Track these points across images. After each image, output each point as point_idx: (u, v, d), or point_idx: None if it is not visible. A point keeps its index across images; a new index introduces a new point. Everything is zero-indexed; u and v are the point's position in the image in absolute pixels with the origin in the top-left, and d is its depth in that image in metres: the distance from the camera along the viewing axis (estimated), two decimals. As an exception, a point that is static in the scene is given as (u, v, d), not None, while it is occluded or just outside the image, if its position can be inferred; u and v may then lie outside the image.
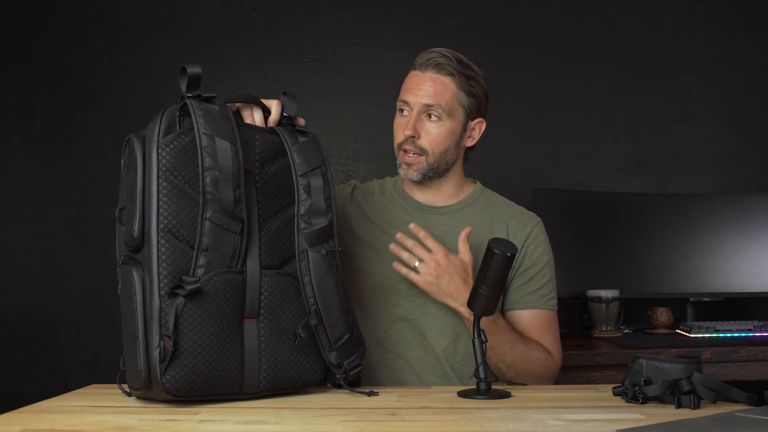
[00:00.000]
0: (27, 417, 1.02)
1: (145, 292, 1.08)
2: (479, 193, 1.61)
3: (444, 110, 1.49)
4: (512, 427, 0.97)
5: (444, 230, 1.54)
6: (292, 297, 1.19)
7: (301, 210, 1.21)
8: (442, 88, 1.49)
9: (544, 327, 1.53)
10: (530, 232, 1.55)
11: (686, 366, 1.10)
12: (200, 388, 1.09)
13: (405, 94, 1.52)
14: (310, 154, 1.25)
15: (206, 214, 1.09)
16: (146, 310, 1.07)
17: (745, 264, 2.43)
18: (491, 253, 1.20)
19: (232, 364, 1.12)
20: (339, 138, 2.61)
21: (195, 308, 1.08)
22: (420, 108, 1.49)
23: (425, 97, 1.48)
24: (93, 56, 2.58)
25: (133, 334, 1.08)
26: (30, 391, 2.45)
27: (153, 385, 1.07)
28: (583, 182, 2.64)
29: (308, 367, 1.21)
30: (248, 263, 1.15)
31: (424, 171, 1.51)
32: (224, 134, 1.13)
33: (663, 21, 2.71)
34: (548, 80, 2.66)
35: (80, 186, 2.54)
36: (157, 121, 1.12)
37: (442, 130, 1.50)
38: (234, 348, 1.12)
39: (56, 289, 2.52)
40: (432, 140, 1.50)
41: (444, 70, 1.50)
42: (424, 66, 1.51)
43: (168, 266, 1.07)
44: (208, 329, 1.09)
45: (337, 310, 1.21)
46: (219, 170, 1.10)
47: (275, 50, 2.61)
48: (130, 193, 1.12)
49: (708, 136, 2.69)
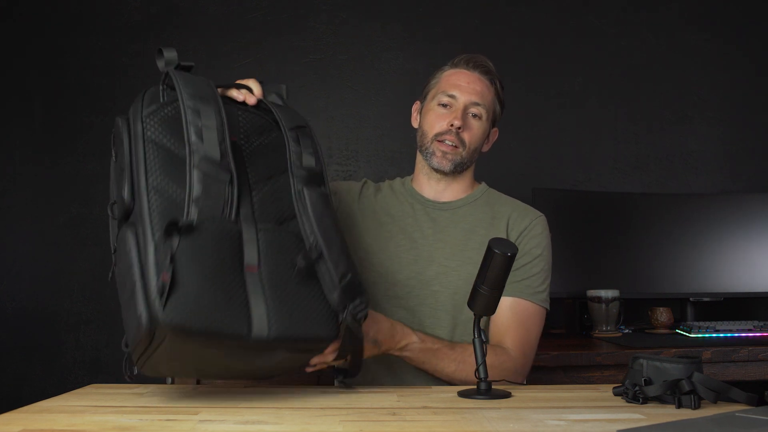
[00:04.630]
0: (27, 417, 1.02)
1: (140, 243, 1.04)
2: (483, 192, 1.65)
3: (486, 110, 1.58)
4: (512, 427, 0.97)
5: (445, 223, 1.58)
6: (294, 253, 1.14)
7: (292, 157, 1.21)
8: (486, 90, 1.59)
9: (516, 320, 1.50)
10: (528, 224, 1.56)
11: (686, 366, 1.10)
12: (205, 322, 1.01)
13: (452, 88, 1.57)
14: (294, 115, 1.27)
15: (194, 162, 1.08)
16: (142, 257, 1.03)
17: (745, 264, 2.43)
18: (491, 252, 1.20)
19: (235, 304, 1.05)
20: (339, 138, 2.61)
21: (192, 249, 1.03)
22: (468, 103, 1.56)
23: (474, 94, 1.56)
24: (93, 56, 2.58)
25: (131, 290, 1.03)
26: (30, 391, 2.45)
27: (155, 328, 1.00)
28: (583, 182, 2.64)
29: (319, 317, 1.14)
30: (242, 215, 1.11)
31: (457, 162, 1.56)
32: (207, 97, 1.14)
33: (663, 21, 2.71)
34: (548, 80, 2.66)
35: (80, 186, 2.54)
36: (139, 98, 1.13)
37: (481, 128, 1.58)
38: (236, 290, 1.06)
39: (56, 289, 2.52)
40: (473, 136, 1.57)
41: (489, 74, 1.59)
42: (471, 66, 1.58)
43: (160, 219, 1.04)
44: (207, 267, 1.04)
45: (338, 245, 1.17)
46: (203, 124, 1.10)
47: (275, 50, 2.61)
48: (119, 172, 1.10)
49: (708, 136, 2.69)
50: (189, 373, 1.22)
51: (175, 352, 1.03)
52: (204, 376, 1.25)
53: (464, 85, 1.57)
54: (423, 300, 1.52)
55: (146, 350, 1.04)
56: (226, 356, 1.08)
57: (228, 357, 1.08)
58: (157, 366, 1.08)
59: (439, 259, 1.54)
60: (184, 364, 1.10)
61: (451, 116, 1.55)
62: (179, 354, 1.04)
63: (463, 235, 1.56)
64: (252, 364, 1.12)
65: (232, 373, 1.20)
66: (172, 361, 1.07)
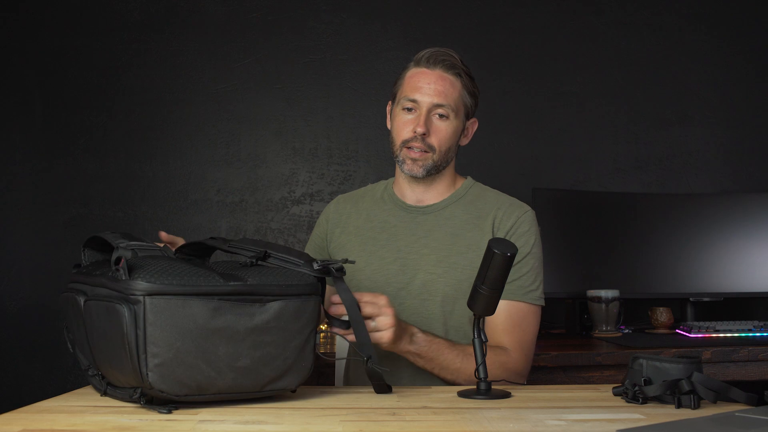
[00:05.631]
0: (27, 417, 1.02)
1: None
2: (468, 188, 1.62)
3: (452, 109, 1.51)
4: (512, 427, 0.97)
5: (429, 228, 1.56)
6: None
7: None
8: (450, 87, 1.51)
9: (511, 322, 1.48)
10: (515, 222, 1.53)
11: (686, 366, 1.10)
12: (178, 287, 1.04)
13: (413, 92, 1.51)
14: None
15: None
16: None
17: (745, 264, 2.43)
18: (491, 253, 1.20)
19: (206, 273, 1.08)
20: (339, 138, 2.61)
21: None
22: (430, 107, 1.50)
23: (436, 96, 1.50)
24: (93, 56, 2.58)
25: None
26: (30, 391, 2.45)
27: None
28: (583, 182, 2.64)
29: (293, 273, 1.15)
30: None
31: (429, 167, 1.53)
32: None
33: (663, 21, 2.71)
34: (548, 80, 2.66)
35: (80, 186, 2.54)
36: None
37: (450, 128, 1.52)
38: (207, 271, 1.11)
39: (56, 289, 2.50)
40: (440, 138, 1.52)
41: (452, 69, 1.52)
42: (432, 63, 1.51)
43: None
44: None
45: (283, 249, 1.21)
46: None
47: (275, 50, 2.61)
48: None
49: (708, 136, 2.69)
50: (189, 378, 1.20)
51: (160, 327, 1.02)
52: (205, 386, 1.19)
53: (425, 86, 1.50)
54: (414, 310, 1.51)
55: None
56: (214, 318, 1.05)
57: (216, 319, 1.05)
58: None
59: (426, 267, 1.52)
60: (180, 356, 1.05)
61: (414, 122, 1.51)
62: (167, 332, 1.03)
63: (449, 239, 1.54)
64: (250, 323, 1.08)
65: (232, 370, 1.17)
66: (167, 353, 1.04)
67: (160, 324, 1.02)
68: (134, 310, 1.02)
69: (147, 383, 1.02)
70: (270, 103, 2.59)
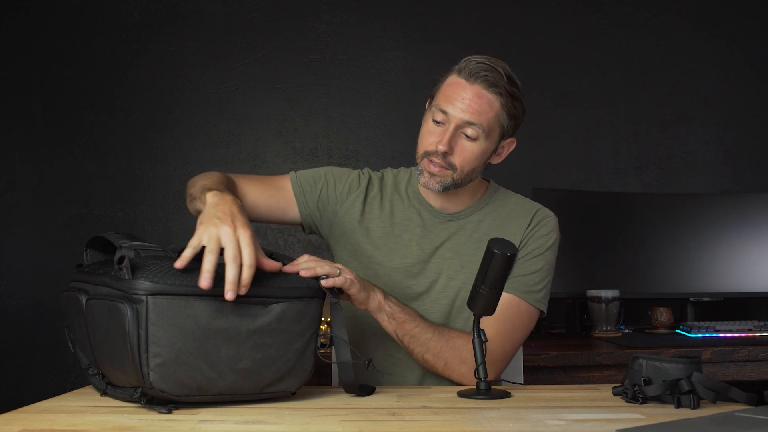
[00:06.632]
0: (27, 417, 1.02)
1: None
2: (492, 195, 1.57)
3: (484, 130, 1.40)
4: (512, 427, 0.97)
5: (453, 232, 1.52)
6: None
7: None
8: (487, 107, 1.40)
9: (503, 314, 1.40)
10: (537, 223, 1.51)
11: (686, 366, 1.10)
12: (180, 288, 1.04)
13: (445, 103, 1.41)
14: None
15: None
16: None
17: (745, 264, 2.43)
18: (491, 252, 1.20)
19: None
20: (339, 138, 2.61)
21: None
22: (459, 123, 1.39)
23: (468, 113, 1.39)
24: (93, 56, 2.58)
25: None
26: (30, 391, 2.45)
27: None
28: (583, 182, 2.64)
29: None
30: None
31: (447, 185, 1.44)
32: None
33: (663, 21, 2.71)
34: (548, 80, 2.66)
35: (80, 186, 2.54)
36: None
37: (477, 150, 1.42)
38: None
39: (56, 289, 2.50)
40: (464, 159, 1.42)
41: (493, 87, 1.40)
42: (472, 77, 1.40)
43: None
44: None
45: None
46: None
47: (275, 50, 2.61)
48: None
49: (708, 136, 2.69)
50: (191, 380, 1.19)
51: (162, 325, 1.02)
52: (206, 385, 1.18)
53: (459, 100, 1.39)
54: (429, 313, 1.49)
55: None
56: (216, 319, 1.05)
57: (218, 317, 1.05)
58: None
59: (448, 272, 1.49)
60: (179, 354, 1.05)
61: (439, 136, 1.41)
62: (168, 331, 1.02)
63: (473, 245, 1.50)
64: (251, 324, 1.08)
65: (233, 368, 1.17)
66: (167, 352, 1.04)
67: (162, 324, 1.02)
68: (137, 310, 1.02)
69: (148, 383, 1.02)
70: (270, 103, 2.59)
